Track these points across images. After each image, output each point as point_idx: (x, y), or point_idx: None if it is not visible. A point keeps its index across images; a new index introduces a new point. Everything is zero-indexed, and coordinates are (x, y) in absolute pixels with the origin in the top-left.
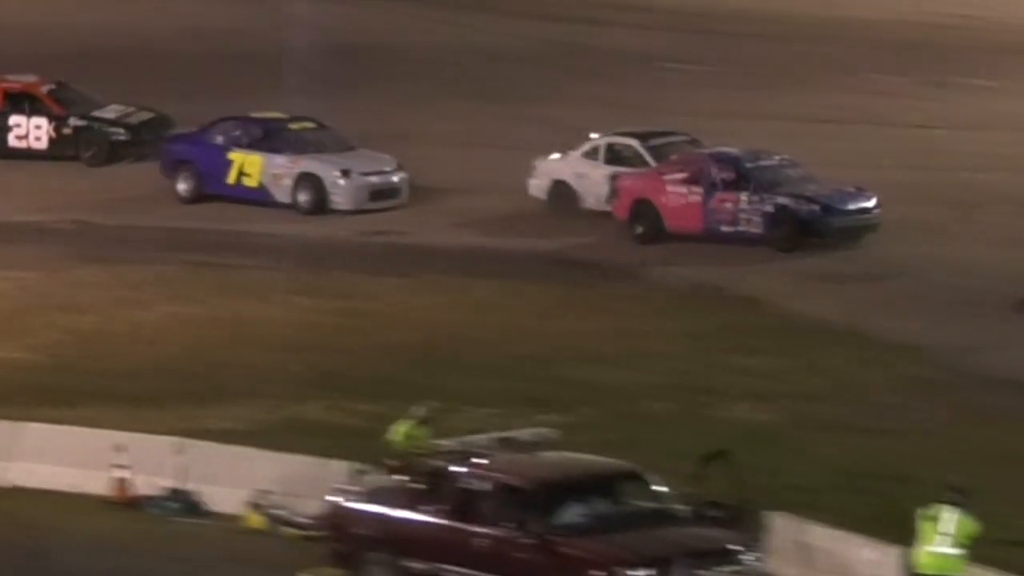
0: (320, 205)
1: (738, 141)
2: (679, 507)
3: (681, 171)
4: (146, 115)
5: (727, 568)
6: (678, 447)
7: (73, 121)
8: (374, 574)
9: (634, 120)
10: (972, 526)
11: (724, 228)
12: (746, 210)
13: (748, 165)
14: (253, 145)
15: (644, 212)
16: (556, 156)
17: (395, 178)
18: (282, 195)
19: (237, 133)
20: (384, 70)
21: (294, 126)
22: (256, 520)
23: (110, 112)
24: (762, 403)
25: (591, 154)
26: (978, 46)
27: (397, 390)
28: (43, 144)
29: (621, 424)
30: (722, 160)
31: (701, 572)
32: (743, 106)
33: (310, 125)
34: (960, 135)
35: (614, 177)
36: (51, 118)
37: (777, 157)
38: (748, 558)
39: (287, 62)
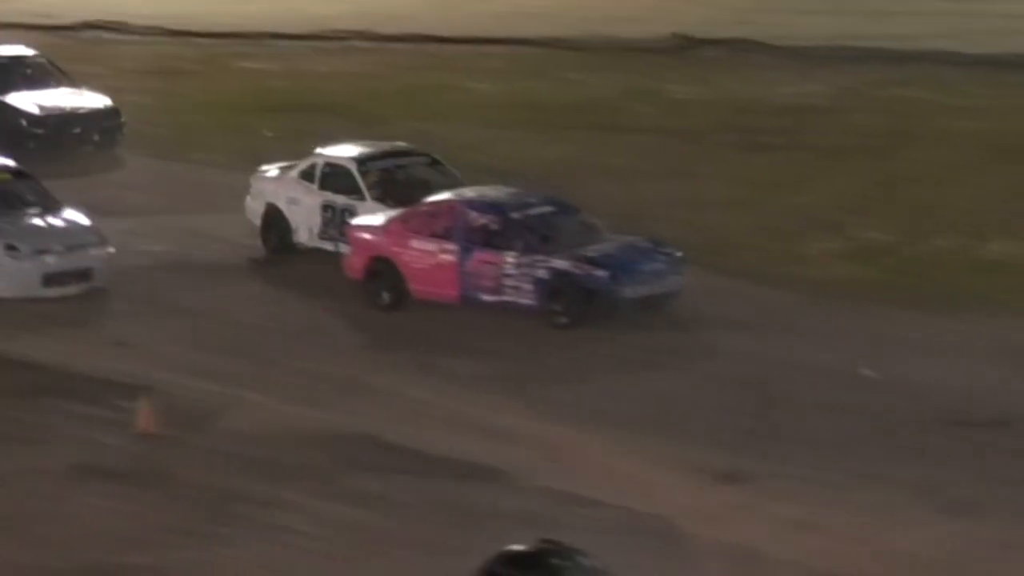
0: None
1: None
2: None
3: (429, 222)
4: None
5: None
6: None
7: None
8: None
9: None
10: None
11: (486, 297)
12: (513, 275)
13: (514, 215)
14: None
15: (385, 273)
16: (272, 172)
17: (89, 254)
18: None
19: None
20: None
21: None
22: None
23: None
24: None
25: (308, 174)
26: None
27: None
28: None
29: None
30: (480, 209)
31: None
32: None
33: (6, 176)
34: None
35: (326, 208)
36: None
37: (547, 204)
38: None
39: None
